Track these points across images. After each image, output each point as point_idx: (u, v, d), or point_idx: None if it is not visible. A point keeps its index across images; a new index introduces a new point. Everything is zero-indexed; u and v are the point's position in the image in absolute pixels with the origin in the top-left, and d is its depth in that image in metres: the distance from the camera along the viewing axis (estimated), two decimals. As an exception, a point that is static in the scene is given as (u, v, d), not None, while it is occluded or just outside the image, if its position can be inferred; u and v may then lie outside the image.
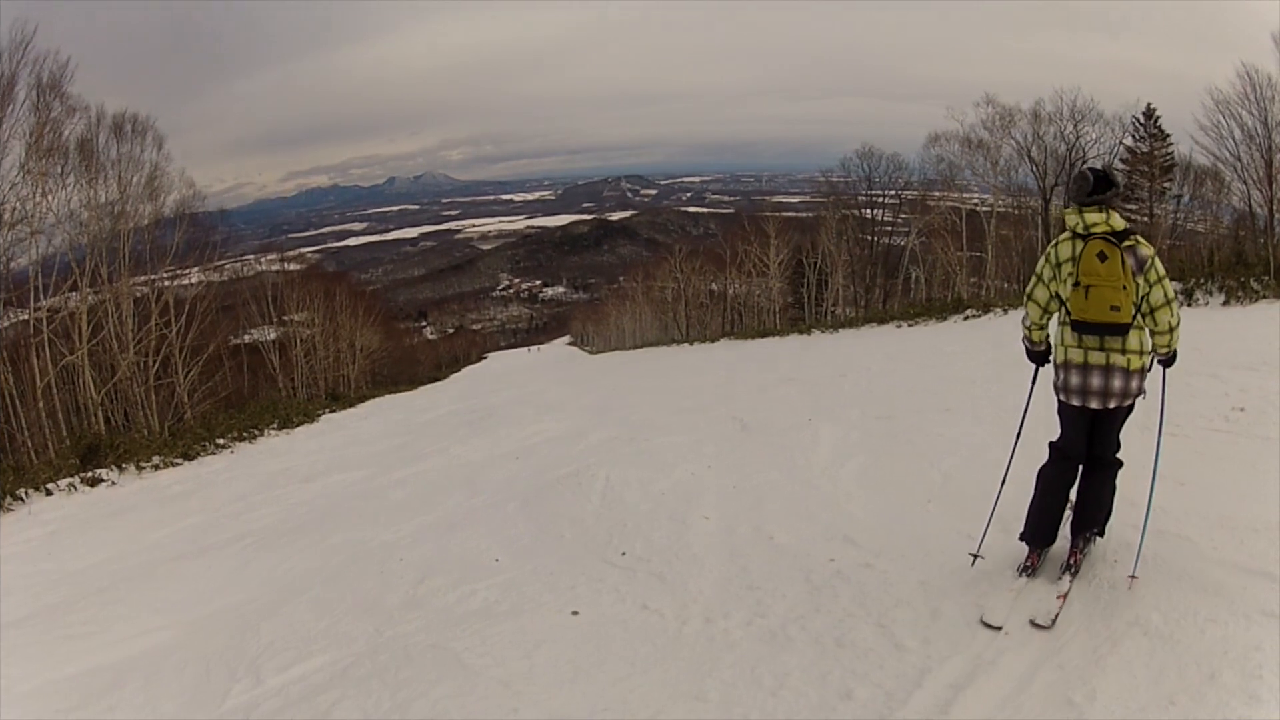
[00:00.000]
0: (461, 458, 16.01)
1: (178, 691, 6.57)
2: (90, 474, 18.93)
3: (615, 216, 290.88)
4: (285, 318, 50.21)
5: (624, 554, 8.02)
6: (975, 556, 6.26)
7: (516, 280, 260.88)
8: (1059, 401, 5.80)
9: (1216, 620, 5.05)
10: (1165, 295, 5.40)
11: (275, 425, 29.51)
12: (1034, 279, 5.72)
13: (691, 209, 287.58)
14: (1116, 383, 5.47)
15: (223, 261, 37.93)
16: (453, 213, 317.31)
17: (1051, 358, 5.86)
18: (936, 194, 46.60)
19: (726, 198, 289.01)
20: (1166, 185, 38.22)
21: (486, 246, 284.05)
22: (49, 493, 17.08)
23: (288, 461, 20.86)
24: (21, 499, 16.26)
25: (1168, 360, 5.93)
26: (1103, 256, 5.25)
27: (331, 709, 5.91)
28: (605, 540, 8.51)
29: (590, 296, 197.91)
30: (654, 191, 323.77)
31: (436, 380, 71.82)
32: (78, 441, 22.70)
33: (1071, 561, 5.80)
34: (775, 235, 53.66)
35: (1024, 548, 5.99)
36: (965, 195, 45.03)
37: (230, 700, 6.33)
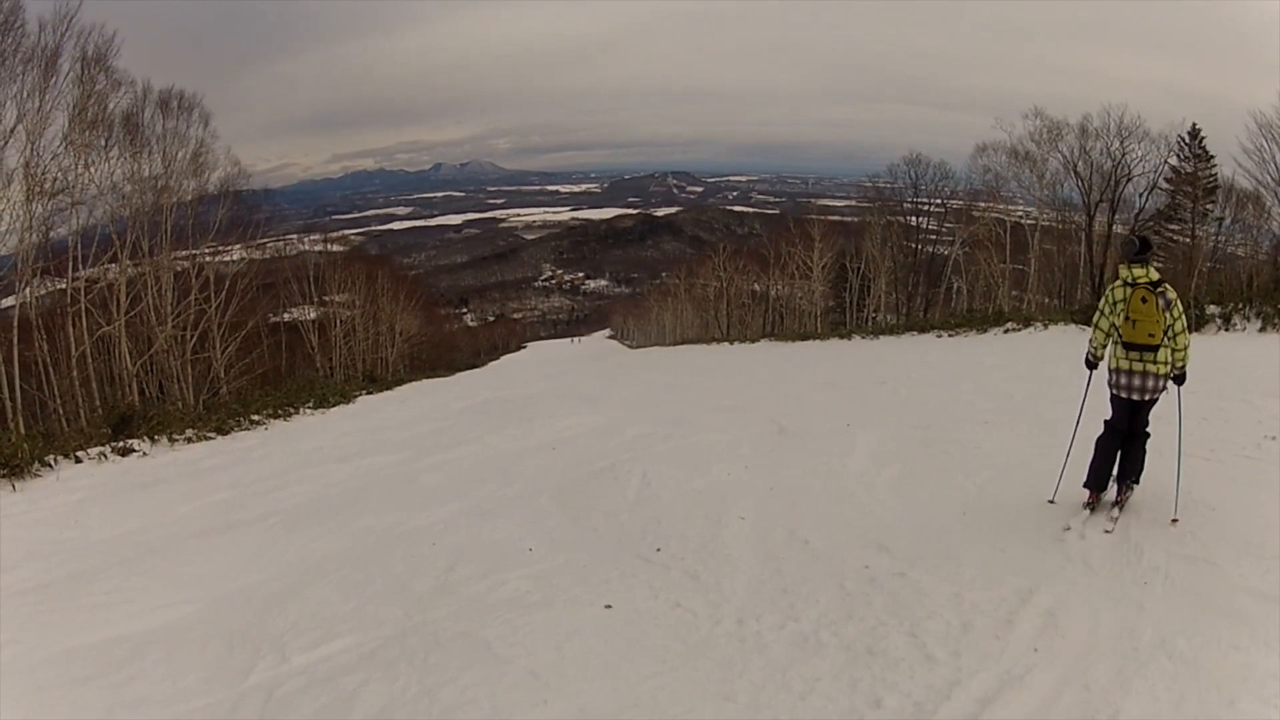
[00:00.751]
0: (496, 446, 15.91)
1: (199, 665, 6.57)
2: (122, 444, 18.98)
3: (660, 212, 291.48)
4: (326, 298, 50.41)
5: (659, 550, 8.01)
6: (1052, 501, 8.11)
7: (559, 271, 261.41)
8: (1111, 395, 7.77)
9: (1239, 647, 5.15)
10: (1184, 326, 7.53)
11: (311, 405, 29.55)
12: (1099, 314, 7.76)
13: (737, 208, 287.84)
14: (1150, 382, 7.55)
15: (265, 240, 38.47)
16: (498, 201, 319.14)
17: (1105, 365, 7.81)
18: (982, 204, 46.41)
19: (772, 198, 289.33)
20: (1209, 207, 37.81)
21: (530, 236, 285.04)
22: (78, 460, 17.06)
23: (321, 441, 20.85)
24: (50, 465, 16.24)
25: (1180, 377, 7.76)
26: (1144, 300, 7.43)
27: (358, 690, 5.88)
28: (639, 536, 8.52)
29: (632, 291, 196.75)
30: (700, 189, 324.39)
31: (475, 368, 72.58)
32: (110, 411, 22.83)
33: (1119, 499, 7.76)
34: (820, 238, 53.54)
35: (1085, 495, 7.86)
36: (1010, 207, 44.94)
37: (254, 677, 6.30)
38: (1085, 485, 7.79)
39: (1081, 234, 39.20)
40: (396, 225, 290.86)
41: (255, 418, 24.96)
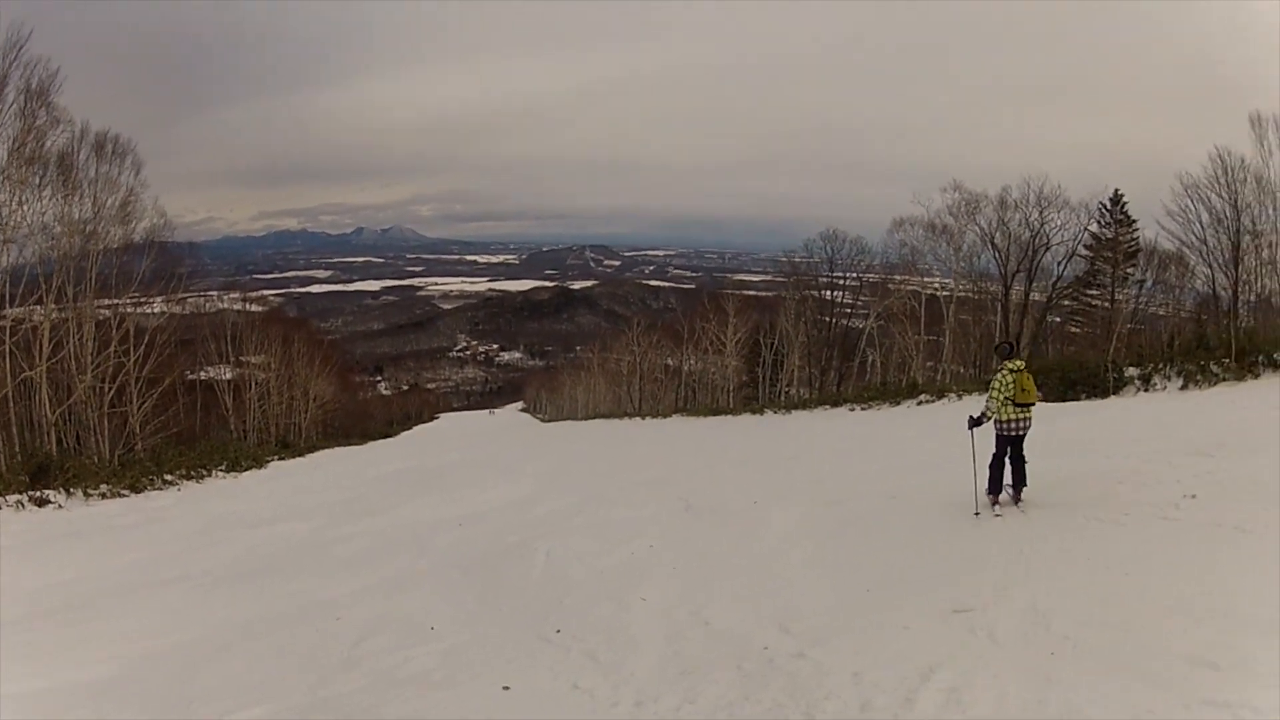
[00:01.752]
0: (409, 518, 16.12)
1: None
2: (39, 494, 18.85)
3: (577, 285, 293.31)
4: (243, 359, 50.01)
5: (559, 631, 8.06)
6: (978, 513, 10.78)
7: (474, 342, 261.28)
8: (1001, 435, 11.00)
9: (1155, 712, 5.08)
10: (1034, 393, 11.09)
11: (224, 467, 29.68)
12: (995, 390, 11.00)
13: (653, 282, 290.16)
14: (1027, 424, 10.99)
15: (187, 294, 37.87)
16: (417, 269, 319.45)
17: (996, 419, 10.98)
18: (898, 277, 47.16)
19: (689, 273, 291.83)
20: (1130, 270, 38.66)
21: (447, 306, 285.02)
22: (-2, 506, 17.01)
23: (234, 505, 20.97)
24: (-33, 507, 16.12)
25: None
26: (1026, 376, 10.98)
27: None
28: (543, 615, 8.59)
29: (546, 364, 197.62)
30: (617, 263, 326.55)
31: (388, 437, 72.15)
32: (29, 459, 22.56)
33: (1017, 499, 10.94)
34: (734, 314, 54.00)
35: (989, 500, 11.01)
36: (926, 279, 45.60)
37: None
38: (989, 493, 11.02)
39: (998, 304, 39.72)
40: (316, 288, 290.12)
41: (169, 477, 25.03)
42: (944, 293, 43.53)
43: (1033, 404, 11.01)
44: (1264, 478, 9.86)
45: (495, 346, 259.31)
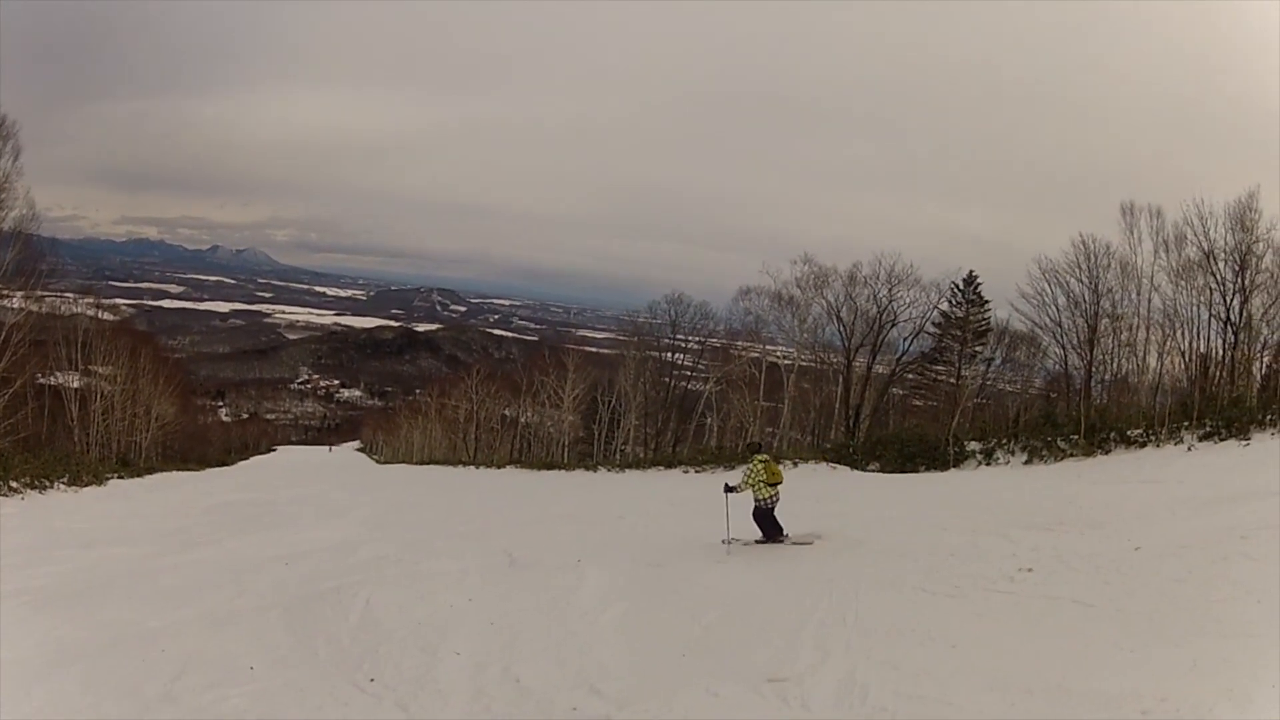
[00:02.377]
0: (235, 553, 16.02)
1: None
2: None
3: (422, 328, 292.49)
4: (91, 368, 48.73)
5: (372, 680, 8.11)
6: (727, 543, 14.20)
7: (316, 376, 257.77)
8: (760, 509, 14.33)
9: None
10: (780, 476, 14.41)
11: (66, 480, 29.20)
12: (751, 473, 14.32)
13: (497, 331, 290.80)
14: (778, 498, 14.29)
15: (46, 293, 37.03)
16: (267, 294, 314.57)
17: (754, 494, 14.33)
18: (741, 344, 47.77)
19: (533, 325, 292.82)
20: (979, 349, 39.83)
21: (293, 336, 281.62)
22: None
23: (74, 522, 20.71)
24: None
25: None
26: (772, 464, 14.38)
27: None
28: (357, 663, 8.61)
29: (385, 404, 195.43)
30: (463, 308, 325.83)
31: (225, 465, 71.64)
32: None
33: (798, 539, 14.18)
34: (574, 369, 54.15)
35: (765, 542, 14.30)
36: (770, 347, 45.97)
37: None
38: (775, 538, 14.29)
39: (840, 375, 40.45)
40: (168, 303, 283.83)
41: (13, 484, 24.68)
42: (786, 361, 44.08)
43: (780, 482, 14.45)
44: (1103, 551, 10.43)
45: (336, 382, 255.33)
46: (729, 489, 14.60)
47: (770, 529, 14.24)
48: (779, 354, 45.61)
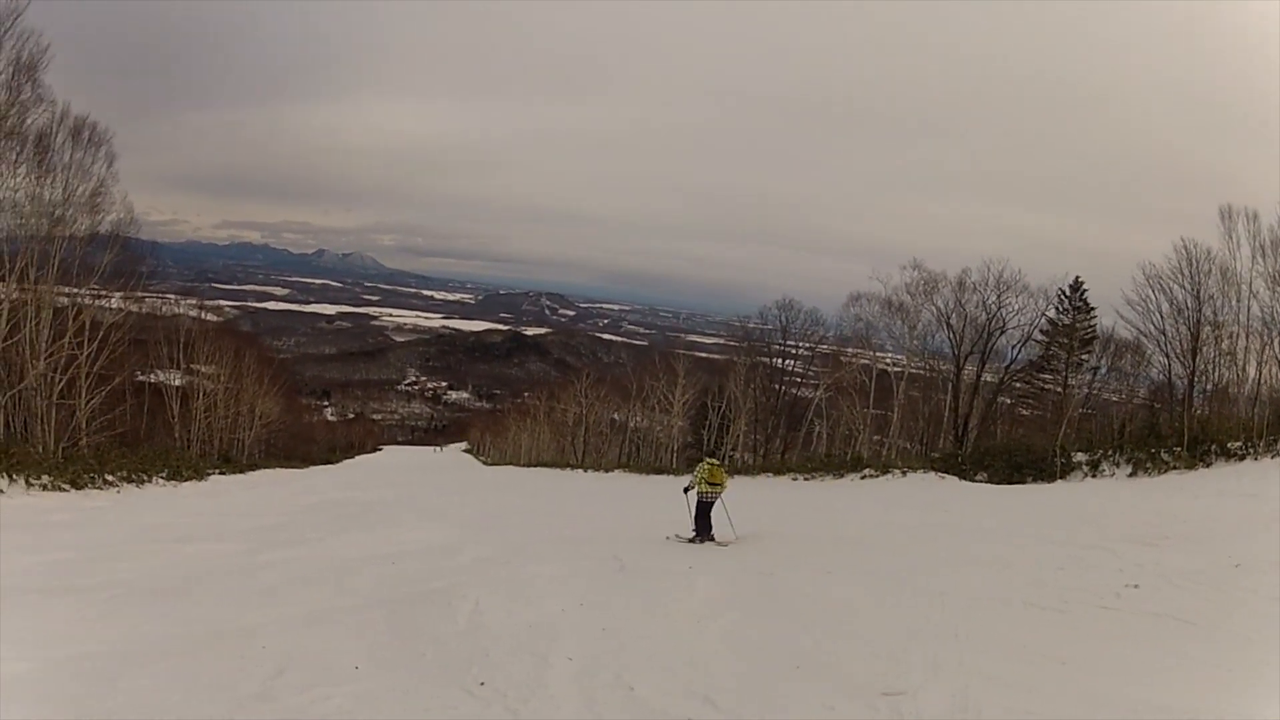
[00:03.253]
0: (337, 551, 15.88)
1: None
2: (-22, 477, 18.54)
3: (530, 331, 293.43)
4: (193, 367, 49.42)
5: (482, 684, 7.77)
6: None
7: (423, 378, 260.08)
8: (700, 501, 16.67)
9: None
10: (726, 477, 17.21)
11: (164, 475, 29.48)
12: (698, 472, 17.00)
13: (606, 335, 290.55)
14: (715, 496, 16.66)
15: (146, 294, 37.70)
16: (373, 298, 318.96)
17: (696, 490, 16.82)
18: (850, 351, 47.19)
19: (642, 329, 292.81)
20: (1085, 357, 38.73)
21: (400, 339, 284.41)
22: (-65, 482, 16.72)
23: (169, 517, 20.67)
24: (-99, 480, 15.84)
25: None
26: (718, 468, 17.07)
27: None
28: (465, 666, 8.28)
29: (493, 407, 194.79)
30: (572, 312, 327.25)
31: (329, 463, 72.12)
32: (-26, 440, 22.17)
33: (719, 541, 16.15)
34: (684, 374, 53.85)
35: (694, 540, 16.42)
36: (879, 354, 45.35)
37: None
38: (702, 535, 16.58)
39: (949, 383, 39.62)
40: (272, 305, 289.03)
41: (110, 477, 24.81)
42: (895, 368, 43.40)
43: (720, 485, 16.93)
44: (1204, 568, 10.09)
45: (444, 384, 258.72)
46: (686, 490, 17.71)
47: (700, 525, 16.71)
48: (888, 361, 45.04)
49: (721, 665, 8.15)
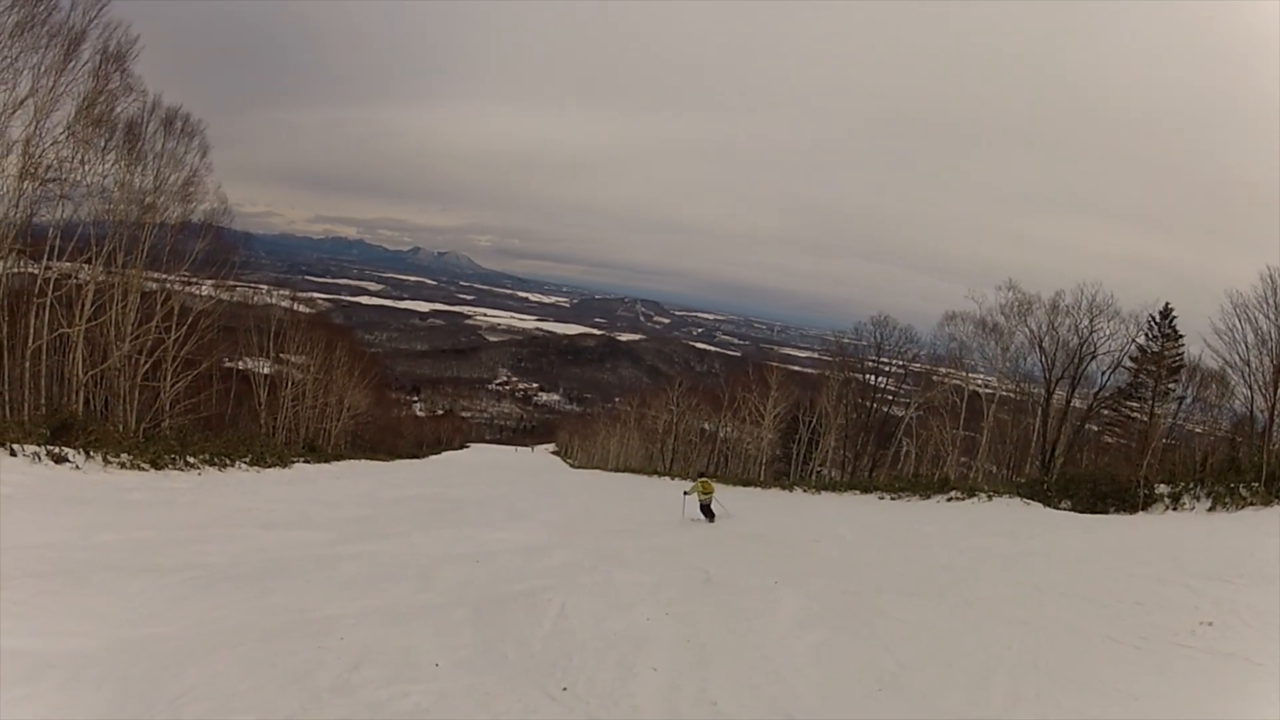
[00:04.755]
0: (421, 547, 15.72)
1: (92, 705, 6.36)
2: (58, 450, 18.74)
3: (624, 337, 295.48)
4: (283, 356, 50.32)
5: (565, 690, 7.54)
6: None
7: (515, 379, 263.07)
8: (701, 504, 22.86)
9: None
10: (713, 489, 23.70)
11: (248, 460, 29.59)
12: (695, 487, 23.60)
13: (700, 344, 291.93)
14: (709, 499, 23.02)
15: (237, 283, 38.49)
16: (468, 297, 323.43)
17: (697, 497, 23.15)
18: (943, 370, 46.79)
19: (736, 340, 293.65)
20: (1171, 386, 38.10)
21: (493, 339, 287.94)
22: (12, 453, 17.00)
23: (252, 502, 20.75)
24: (-18, 447, 16.04)
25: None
26: (707, 482, 23.82)
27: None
28: (549, 671, 8.02)
29: (583, 410, 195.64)
30: (667, 320, 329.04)
31: (415, 458, 72.83)
32: (54, 413, 22.53)
33: (709, 520, 22.48)
34: (776, 387, 53.58)
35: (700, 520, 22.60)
36: (970, 375, 44.99)
37: (142, 734, 6.11)
38: (707, 519, 22.39)
39: (1038, 407, 39.04)
40: (365, 299, 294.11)
41: (191, 460, 24.88)
42: (986, 390, 43.07)
43: (710, 493, 23.17)
44: (1275, 608, 9.60)
45: (535, 385, 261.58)
46: (686, 493, 24.09)
47: (706, 515, 22.92)
48: (979, 382, 44.70)
49: (805, 683, 7.95)
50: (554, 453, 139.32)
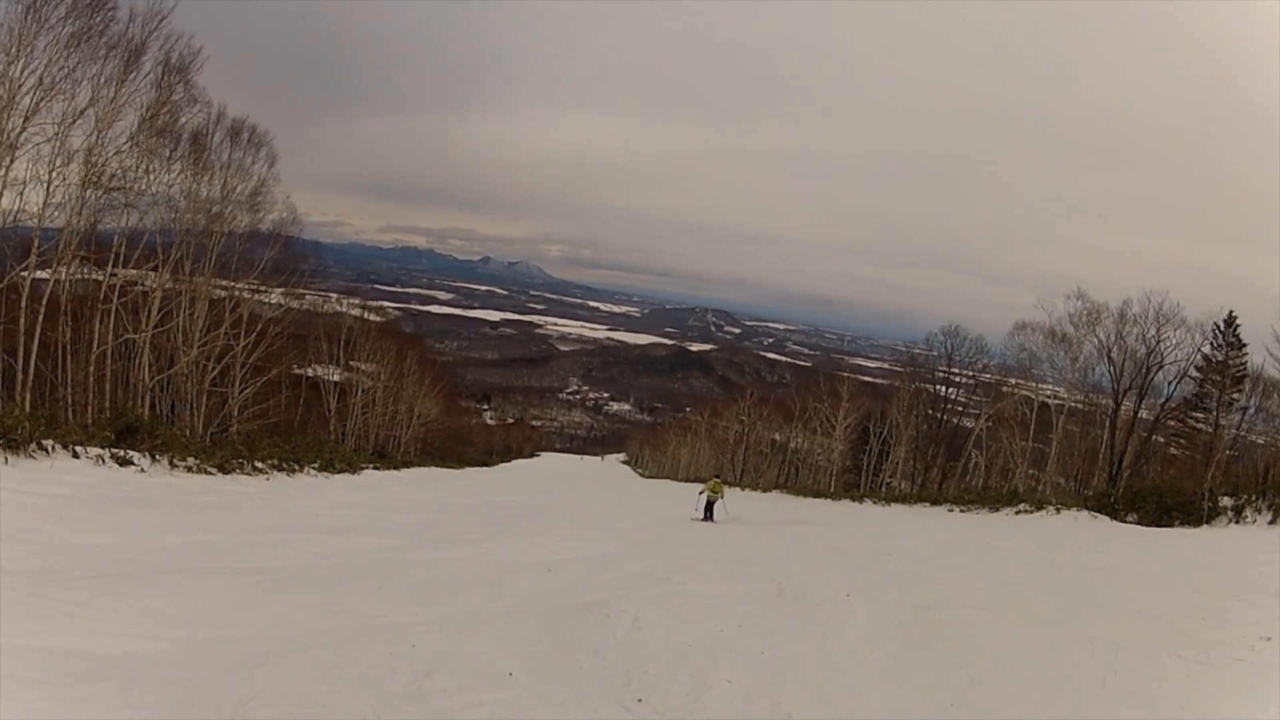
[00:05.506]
0: (492, 555, 15.60)
1: (156, 707, 6.21)
2: (123, 453, 18.82)
3: (695, 347, 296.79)
4: (353, 364, 50.79)
5: (640, 700, 7.39)
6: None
7: (585, 388, 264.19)
8: (708, 501, 26.69)
9: None
10: (723, 487, 27.70)
11: (316, 465, 29.67)
12: (709, 486, 27.39)
13: (771, 355, 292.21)
14: (716, 498, 26.81)
15: (306, 291, 39.00)
16: (538, 307, 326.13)
17: (707, 496, 26.89)
18: (1012, 381, 46.20)
19: (807, 350, 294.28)
20: (1235, 396, 37.41)
21: (564, 348, 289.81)
22: (76, 455, 17.04)
23: (320, 508, 20.86)
24: (47, 451, 16.17)
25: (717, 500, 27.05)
26: (718, 483, 27.67)
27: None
28: (623, 682, 7.85)
29: (653, 420, 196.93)
30: (737, 330, 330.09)
31: (485, 466, 72.63)
32: (119, 417, 22.67)
33: (711, 520, 26.06)
34: (848, 398, 53.31)
35: (700, 519, 26.33)
36: (1039, 386, 44.46)
37: (209, 736, 6.08)
38: (707, 518, 26.08)
39: (1106, 419, 38.47)
40: (435, 308, 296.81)
41: (259, 465, 25.03)
42: (1055, 401, 42.53)
43: (719, 494, 26.47)
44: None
45: (606, 395, 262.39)
46: (700, 493, 27.65)
47: (706, 514, 26.24)
48: (1048, 393, 44.22)
49: (879, 698, 7.84)
50: (624, 462, 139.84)
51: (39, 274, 24.14)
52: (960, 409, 50.74)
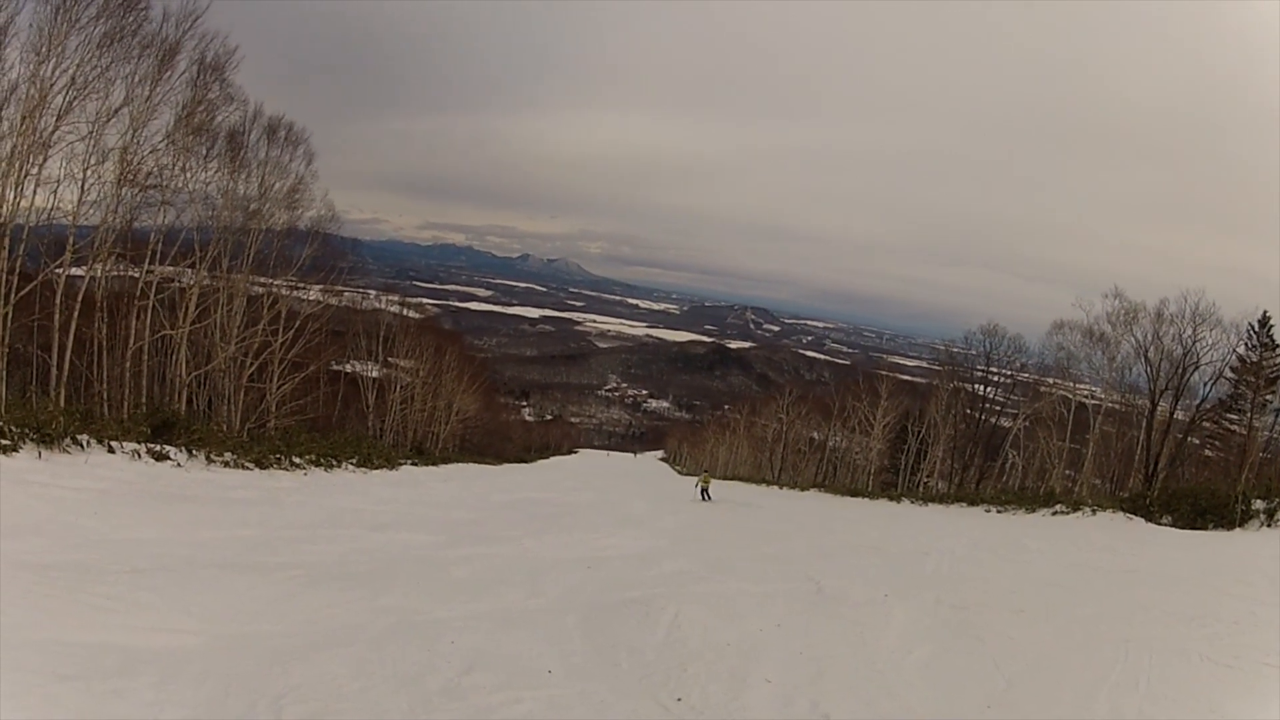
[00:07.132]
0: (531, 551, 15.59)
1: (190, 702, 6.26)
2: (159, 448, 18.93)
3: (734, 345, 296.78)
4: (391, 360, 51.02)
5: (679, 700, 7.38)
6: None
7: (624, 385, 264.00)
8: (702, 488, 34.15)
9: None
10: (709, 479, 35.70)
11: (355, 461, 29.78)
12: (698, 480, 35.38)
13: (809, 353, 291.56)
14: (707, 485, 34.46)
15: (345, 288, 39.38)
16: (577, 304, 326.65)
17: (700, 485, 34.60)
18: (1050, 380, 45.84)
19: (845, 348, 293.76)
20: (1269, 397, 37.08)
21: (603, 345, 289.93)
22: (111, 450, 17.12)
23: (358, 503, 20.86)
24: (82, 446, 16.26)
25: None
26: (707, 476, 36.16)
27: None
28: (662, 681, 7.86)
29: (692, 417, 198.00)
30: (776, 328, 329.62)
31: (524, 462, 72.99)
32: (155, 412, 22.91)
33: (707, 499, 32.68)
34: (886, 396, 53.16)
35: (700, 501, 32.71)
36: (1076, 386, 44.23)
37: (244, 731, 6.12)
38: (705, 499, 32.93)
39: (1143, 419, 38.24)
40: (475, 305, 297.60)
41: (297, 460, 25.08)
42: (1093, 401, 42.26)
43: (709, 483, 33.69)
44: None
45: (644, 392, 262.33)
46: (696, 485, 33.46)
47: (705, 497, 31.38)
48: (1086, 394, 43.98)
49: (917, 698, 7.88)
50: (662, 459, 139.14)
51: (74, 271, 24.39)
52: (998, 408, 50.63)
